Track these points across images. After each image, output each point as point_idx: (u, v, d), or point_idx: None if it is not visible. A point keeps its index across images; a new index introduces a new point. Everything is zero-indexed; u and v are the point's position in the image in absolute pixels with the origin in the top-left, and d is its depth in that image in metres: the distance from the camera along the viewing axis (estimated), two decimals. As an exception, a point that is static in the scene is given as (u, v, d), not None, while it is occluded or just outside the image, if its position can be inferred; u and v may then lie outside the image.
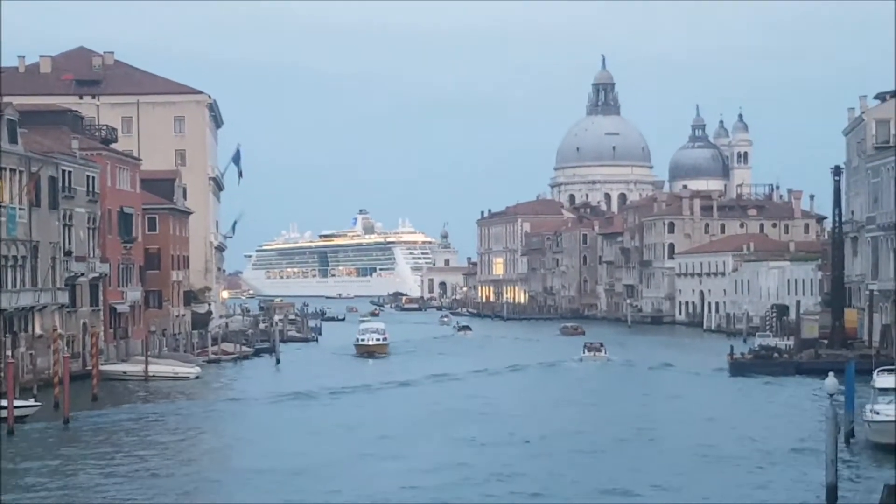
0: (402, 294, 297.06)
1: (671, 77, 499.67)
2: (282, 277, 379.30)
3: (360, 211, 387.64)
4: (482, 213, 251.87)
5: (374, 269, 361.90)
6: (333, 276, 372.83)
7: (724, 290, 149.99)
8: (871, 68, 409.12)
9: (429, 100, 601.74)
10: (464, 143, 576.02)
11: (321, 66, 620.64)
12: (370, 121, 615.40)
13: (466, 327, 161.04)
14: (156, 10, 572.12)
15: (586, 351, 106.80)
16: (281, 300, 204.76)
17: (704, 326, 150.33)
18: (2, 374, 63.76)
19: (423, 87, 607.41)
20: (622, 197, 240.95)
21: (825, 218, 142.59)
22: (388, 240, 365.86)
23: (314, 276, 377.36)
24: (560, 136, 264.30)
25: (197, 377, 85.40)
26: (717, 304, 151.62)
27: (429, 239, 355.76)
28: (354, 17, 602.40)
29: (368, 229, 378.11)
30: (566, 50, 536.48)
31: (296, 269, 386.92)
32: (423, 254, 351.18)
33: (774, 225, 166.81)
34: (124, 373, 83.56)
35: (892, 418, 47.70)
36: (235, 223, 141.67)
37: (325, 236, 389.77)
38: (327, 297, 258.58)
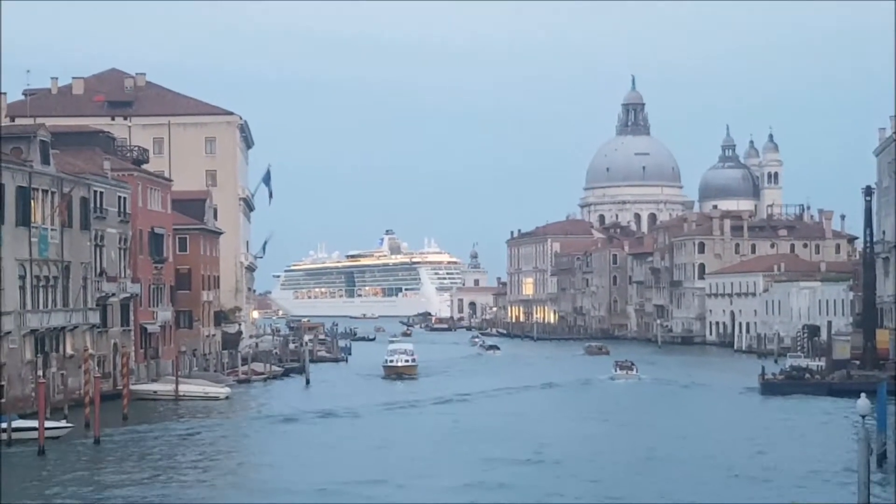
0: (428, 314, 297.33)
1: (701, 97, 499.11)
2: (309, 297, 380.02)
3: (387, 231, 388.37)
4: (512, 233, 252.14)
5: (400, 290, 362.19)
6: (360, 296, 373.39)
7: (755, 311, 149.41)
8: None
9: (457, 118, 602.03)
10: (492, 162, 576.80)
11: (353, 85, 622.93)
12: (398, 141, 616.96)
13: (495, 347, 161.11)
14: (187, 32, 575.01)
15: (617, 369, 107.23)
16: (308, 320, 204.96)
17: (735, 347, 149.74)
18: (33, 394, 64.09)
19: (451, 106, 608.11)
20: (652, 217, 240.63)
21: (856, 238, 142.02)
22: (414, 260, 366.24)
23: (341, 296, 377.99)
24: (590, 156, 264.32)
25: (227, 397, 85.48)
26: (747, 324, 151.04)
27: (454, 259, 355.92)
28: (387, 34, 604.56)
29: (395, 249, 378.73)
30: (597, 69, 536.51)
31: (323, 290, 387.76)
32: (448, 274, 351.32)
33: (805, 245, 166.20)
34: (155, 392, 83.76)
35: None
36: (266, 243, 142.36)
37: (352, 256, 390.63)
38: (353, 318, 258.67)
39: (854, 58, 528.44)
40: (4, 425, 58.72)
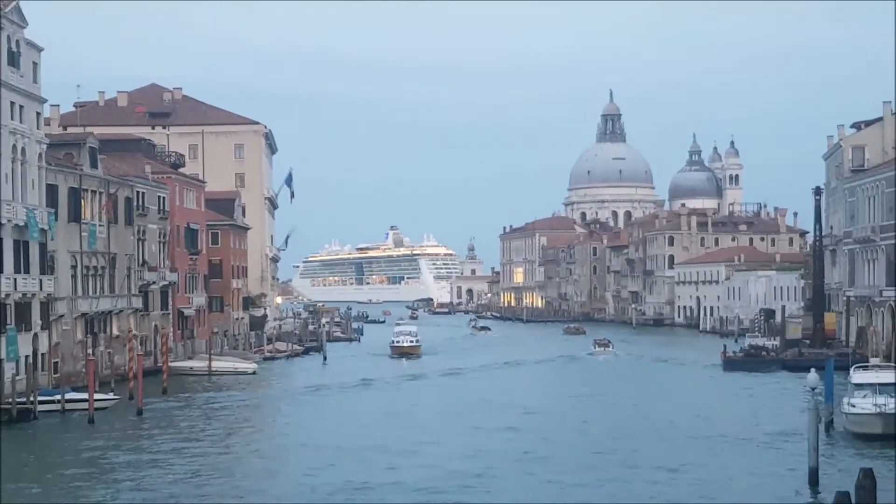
0: (430, 299, 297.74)
1: (671, 108, 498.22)
2: (324, 285, 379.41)
3: (392, 227, 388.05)
4: (504, 228, 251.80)
5: (403, 278, 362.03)
6: (368, 283, 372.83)
7: (718, 296, 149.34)
8: (848, 100, 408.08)
9: (454, 129, 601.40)
10: (486, 166, 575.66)
11: (363, 100, 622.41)
12: (402, 146, 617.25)
13: (486, 328, 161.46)
14: (219, 51, 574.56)
15: (596, 346, 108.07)
16: (324, 305, 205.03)
17: (700, 328, 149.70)
18: (84, 370, 64.23)
19: (449, 119, 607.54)
20: (628, 214, 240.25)
21: (807, 232, 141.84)
22: (415, 252, 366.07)
23: (351, 283, 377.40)
24: (573, 161, 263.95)
25: (254, 372, 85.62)
26: (711, 308, 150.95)
27: (450, 251, 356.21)
28: (393, 57, 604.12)
29: (398, 243, 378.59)
30: (579, 84, 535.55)
31: (336, 278, 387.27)
32: (444, 264, 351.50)
33: (762, 239, 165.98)
34: (191, 368, 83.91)
35: (867, 410, 47.59)
36: (288, 237, 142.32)
37: (361, 249, 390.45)
38: (361, 303, 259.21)
39: (807, 72, 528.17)
40: (59, 397, 59.01)
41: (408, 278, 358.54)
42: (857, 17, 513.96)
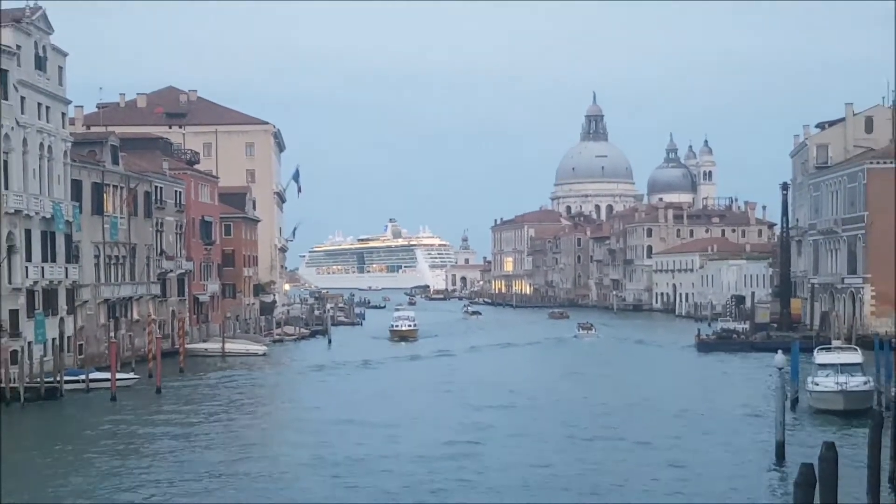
0: (427, 286, 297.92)
1: (650, 110, 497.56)
2: (328, 273, 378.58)
3: (390, 220, 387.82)
4: (495, 220, 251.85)
5: (400, 267, 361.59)
6: (368, 272, 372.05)
7: (693, 284, 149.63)
8: (814, 101, 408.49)
9: (448, 127, 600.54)
10: (478, 163, 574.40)
11: (363, 99, 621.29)
12: (401, 145, 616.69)
13: (477, 312, 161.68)
14: (231, 56, 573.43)
15: (580, 329, 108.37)
16: (328, 292, 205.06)
17: (676, 313, 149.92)
18: (106, 351, 64.31)
19: (443, 119, 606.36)
20: (609, 208, 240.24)
21: (775, 224, 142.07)
22: (411, 243, 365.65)
23: (353, 272, 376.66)
24: (559, 158, 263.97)
25: (264, 354, 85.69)
26: (686, 294, 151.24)
27: (444, 242, 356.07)
28: (389, 58, 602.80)
29: (396, 234, 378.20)
30: (565, 88, 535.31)
31: (339, 267, 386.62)
32: (438, 254, 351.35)
33: (733, 230, 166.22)
34: (205, 350, 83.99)
35: (830, 389, 47.78)
36: (295, 229, 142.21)
37: (362, 240, 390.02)
38: (362, 289, 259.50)
39: (776, 75, 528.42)
40: (83, 376, 59.11)
41: (405, 267, 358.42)
42: (822, 24, 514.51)
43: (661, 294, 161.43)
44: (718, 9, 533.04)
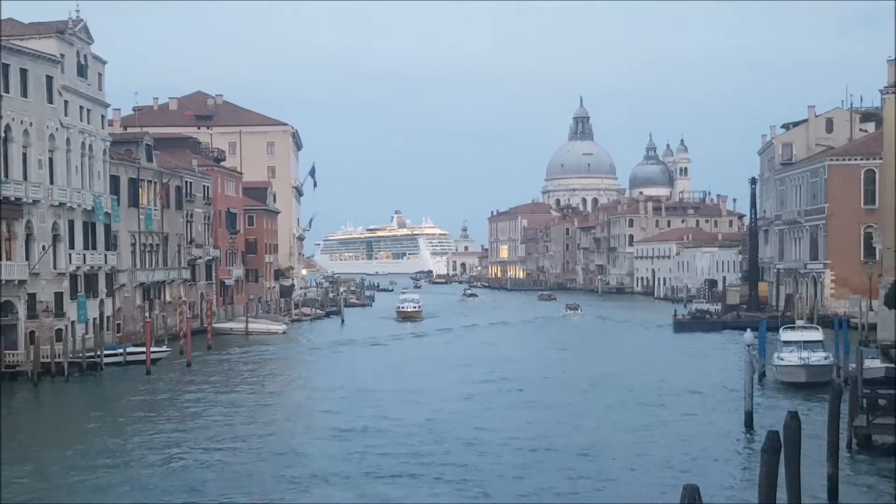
0: (430, 272, 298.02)
1: (632, 111, 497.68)
2: (341, 259, 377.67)
3: (396, 211, 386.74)
4: (491, 212, 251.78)
5: (405, 254, 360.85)
6: (376, 258, 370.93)
7: (670, 269, 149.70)
8: (780, 103, 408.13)
9: (450, 127, 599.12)
10: (477, 159, 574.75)
11: (373, 101, 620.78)
12: (406, 142, 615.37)
13: (473, 294, 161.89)
14: (253, 63, 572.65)
15: (567, 310, 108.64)
16: (341, 276, 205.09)
17: (655, 295, 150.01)
18: (142, 329, 64.41)
19: (446, 119, 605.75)
20: (595, 200, 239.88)
21: (744, 215, 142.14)
22: (415, 232, 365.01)
23: (362, 258, 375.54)
24: (549, 156, 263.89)
25: (284, 332, 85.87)
26: (664, 278, 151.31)
27: (444, 232, 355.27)
28: (397, 63, 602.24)
29: (401, 224, 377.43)
30: (555, 92, 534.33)
31: (350, 254, 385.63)
32: (439, 243, 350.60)
33: (707, 221, 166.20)
34: (230, 329, 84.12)
35: (794, 363, 47.84)
36: (311, 220, 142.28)
37: (371, 230, 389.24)
38: (370, 274, 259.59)
39: (746, 79, 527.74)
40: (121, 351, 59.22)
41: (409, 254, 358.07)
42: (788, 31, 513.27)
43: (642, 278, 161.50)
44: (695, 14, 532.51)
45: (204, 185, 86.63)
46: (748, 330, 44.19)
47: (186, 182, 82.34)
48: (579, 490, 28.44)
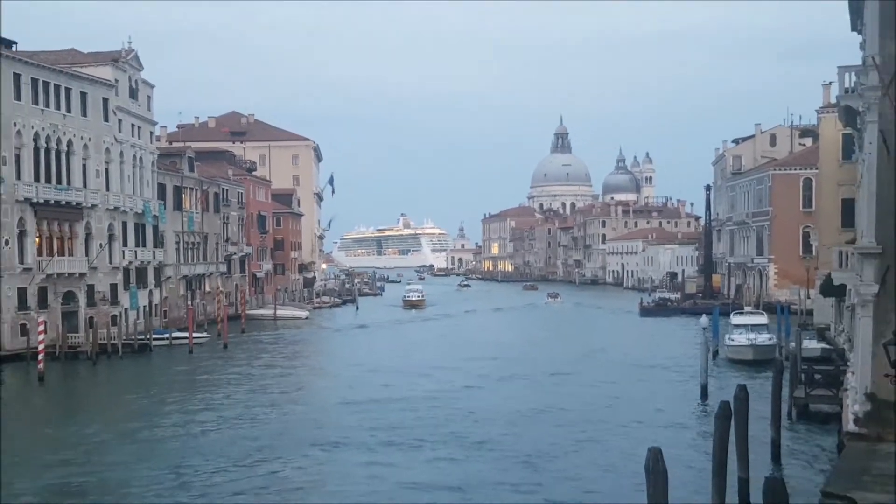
0: (432, 266, 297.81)
1: (604, 128, 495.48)
2: (355, 255, 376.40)
3: (401, 214, 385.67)
4: (484, 215, 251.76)
5: (409, 251, 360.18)
6: (385, 254, 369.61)
7: (637, 263, 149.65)
8: (731, 121, 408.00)
9: (450, 142, 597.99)
10: (471, 169, 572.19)
11: (384, 119, 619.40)
12: (410, 154, 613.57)
13: (467, 285, 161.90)
14: (280, 85, 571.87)
15: (548, 298, 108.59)
16: (355, 269, 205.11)
17: (624, 286, 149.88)
18: (185, 316, 64.47)
19: (446, 136, 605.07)
20: (573, 205, 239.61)
21: (700, 217, 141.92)
22: (417, 232, 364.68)
23: (373, 254, 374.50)
24: (534, 166, 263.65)
25: (307, 317, 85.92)
26: (632, 271, 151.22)
27: (443, 231, 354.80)
28: (401, 86, 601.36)
29: (406, 225, 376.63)
30: (539, 111, 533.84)
31: (362, 251, 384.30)
32: (438, 241, 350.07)
33: (668, 222, 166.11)
34: (261, 315, 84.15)
35: (742, 343, 47.94)
36: (330, 222, 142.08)
37: (380, 230, 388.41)
38: (379, 268, 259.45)
39: (702, 101, 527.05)
40: (168, 335, 59.31)
41: (413, 251, 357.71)
42: (743, 58, 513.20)
43: (613, 271, 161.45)
44: (657, 48, 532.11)
45: (238, 192, 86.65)
46: (703, 315, 44.30)
47: (223, 189, 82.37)
48: (559, 448, 28.53)
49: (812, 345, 44.90)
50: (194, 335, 57.99)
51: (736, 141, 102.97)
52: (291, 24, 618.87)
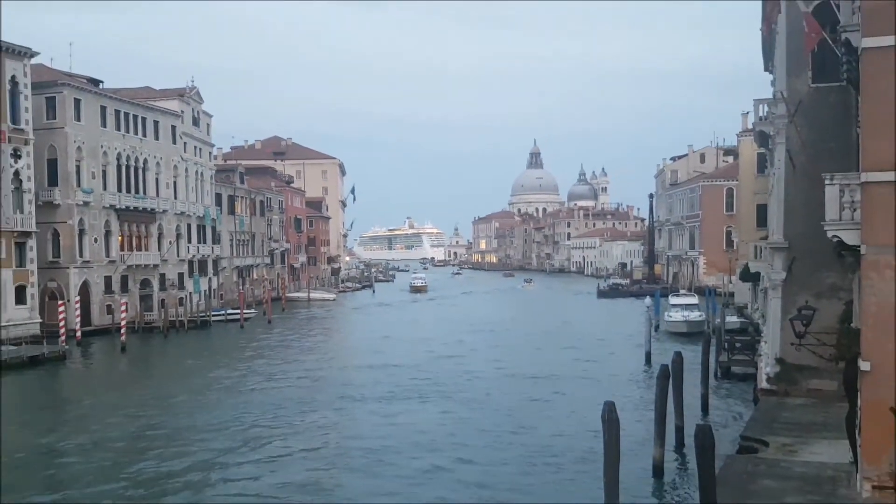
0: (433, 258, 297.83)
1: (570, 148, 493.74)
2: (370, 251, 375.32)
3: (407, 217, 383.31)
4: (474, 217, 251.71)
5: (413, 247, 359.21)
6: (394, 249, 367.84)
7: (595, 255, 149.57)
8: (668, 141, 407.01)
9: (446, 156, 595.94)
10: (464, 180, 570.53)
11: (393, 141, 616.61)
12: (414, 167, 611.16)
13: (459, 273, 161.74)
14: (313, 114, 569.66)
15: (524, 283, 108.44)
16: (371, 261, 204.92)
17: (585, 273, 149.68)
18: (237, 298, 64.36)
19: (441, 149, 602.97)
20: (544, 210, 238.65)
21: (644, 219, 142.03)
22: (419, 232, 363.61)
23: (385, 249, 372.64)
24: (513, 179, 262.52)
25: (334, 299, 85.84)
26: (591, 262, 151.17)
27: (441, 231, 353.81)
28: (407, 115, 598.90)
29: (410, 226, 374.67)
30: (516, 133, 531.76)
31: (377, 247, 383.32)
32: (436, 239, 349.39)
33: (620, 223, 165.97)
34: (297, 297, 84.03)
35: (678, 319, 48.00)
36: (352, 223, 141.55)
37: (390, 230, 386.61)
38: (389, 260, 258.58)
39: (647, 125, 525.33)
40: (223, 313, 59.21)
41: (416, 247, 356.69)
42: (680, 90, 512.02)
43: (576, 262, 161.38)
44: (610, 81, 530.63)
45: (279, 200, 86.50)
46: (647, 297, 44.38)
47: (267, 198, 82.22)
48: (533, 402, 28.58)
49: (733, 320, 44.97)
50: (245, 313, 57.95)
51: (673, 158, 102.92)
52: (322, 67, 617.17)
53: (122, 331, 44.34)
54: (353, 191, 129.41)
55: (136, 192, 55.51)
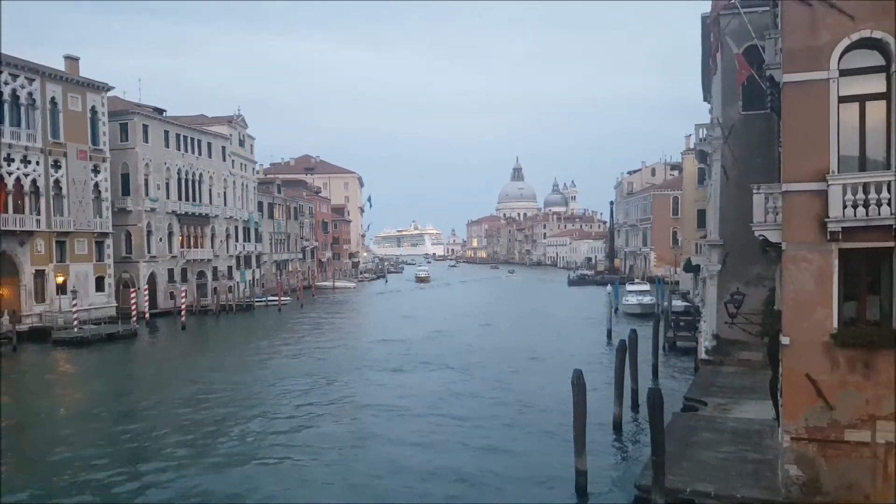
0: (434, 254, 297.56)
1: (546, 163, 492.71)
2: (383, 248, 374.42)
3: (413, 220, 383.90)
4: (468, 220, 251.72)
5: (417, 244, 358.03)
6: (402, 247, 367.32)
7: (566, 251, 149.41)
8: (626, 157, 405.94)
9: (444, 168, 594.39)
10: (460, 188, 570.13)
11: (396, 156, 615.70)
12: (419, 178, 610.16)
13: (454, 265, 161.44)
14: (338, 137, 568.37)
15: (508, 273, 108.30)
16: (383, 257, 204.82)
17: (558, 266, 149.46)
18: (275, 286, 64.14)
19: (442, 164, 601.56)
20: (525, 214, 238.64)
21: (606, 222, 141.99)
22: (422, 232, 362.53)
23: (394, 247, 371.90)
24: (499, 189, 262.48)
25: (354, 287, 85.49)
26: (563, 257, 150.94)
27: (440, 232, 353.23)
28: (407, 137, 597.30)
29: (415, 227, 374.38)
30: (500, 151, 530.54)
31: (388, 245, 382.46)
32: (437, 238, 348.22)
33: (586, 225, 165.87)
34: (325, 286, 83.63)
35: (634, 303, 47.97)
36: (368, 226, 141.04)
37: (399, 231, 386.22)
38: (398, 256, 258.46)
39: (609, 144, 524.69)
40: (265, 299, 59.08)
41: (419, 245, 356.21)
42: (637, 114, 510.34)
43: (550, 257, 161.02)
44: (577, 106, 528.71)
45: (309, 207, 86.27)
46: (609, 285, 44.28)
47: (300, 205, 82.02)
48: (515, 369, 28.55)
49: (678, 303, 44.90)
50: (282, 299, 57.81)
51: (630, 172, 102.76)
52: (343, 97, 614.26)
53: (182, 313, 44.45)
54: (369, 199, 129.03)
55: (193, 200, 55.44)
